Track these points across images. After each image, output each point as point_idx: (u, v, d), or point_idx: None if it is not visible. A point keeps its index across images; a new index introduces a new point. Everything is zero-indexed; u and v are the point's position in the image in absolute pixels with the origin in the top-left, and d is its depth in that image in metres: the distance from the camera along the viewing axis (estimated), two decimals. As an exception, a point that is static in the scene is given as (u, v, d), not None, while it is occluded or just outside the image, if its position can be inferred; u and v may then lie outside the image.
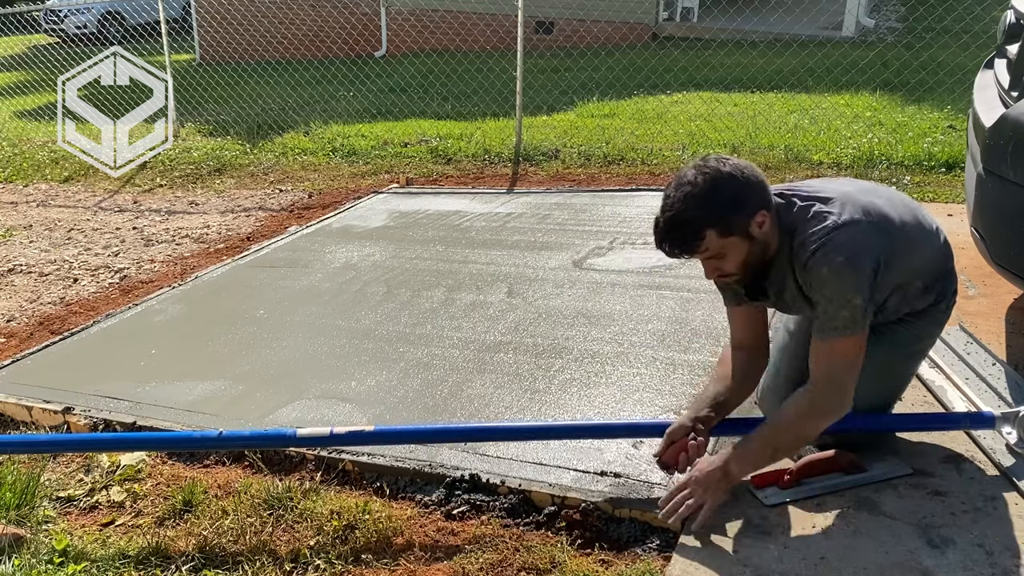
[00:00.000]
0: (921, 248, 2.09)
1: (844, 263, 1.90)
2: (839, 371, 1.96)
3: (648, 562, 2.04)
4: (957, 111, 6.34)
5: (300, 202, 6.07)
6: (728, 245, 1.96)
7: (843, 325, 1.93)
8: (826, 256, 1.92)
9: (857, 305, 1.91)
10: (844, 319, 1.92)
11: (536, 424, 2.62)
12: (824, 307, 1.94)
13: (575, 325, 3.39)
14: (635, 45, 10.94)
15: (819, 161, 5.63)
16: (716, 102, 7.20)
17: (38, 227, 6.03)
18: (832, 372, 1.97)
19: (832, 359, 1.96)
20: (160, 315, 3.93)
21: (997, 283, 3.28)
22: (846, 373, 1.96)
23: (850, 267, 1.91)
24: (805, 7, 9.72)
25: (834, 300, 1.92)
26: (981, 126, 2.73)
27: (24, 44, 13.73)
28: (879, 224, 1.98)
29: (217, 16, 12.22)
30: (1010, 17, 3.04)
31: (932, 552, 1.93)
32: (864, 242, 1.94)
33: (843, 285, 1.91)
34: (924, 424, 2.38)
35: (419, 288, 3.93)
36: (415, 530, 2.25)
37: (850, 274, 1.91)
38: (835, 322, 1.93)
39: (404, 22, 12.22)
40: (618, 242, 4.37)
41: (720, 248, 1.96)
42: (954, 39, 7.89)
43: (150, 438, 2.67)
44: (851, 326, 1.93)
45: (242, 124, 8.44)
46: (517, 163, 6.41)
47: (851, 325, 1.93)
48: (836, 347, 1.95)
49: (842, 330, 1.93)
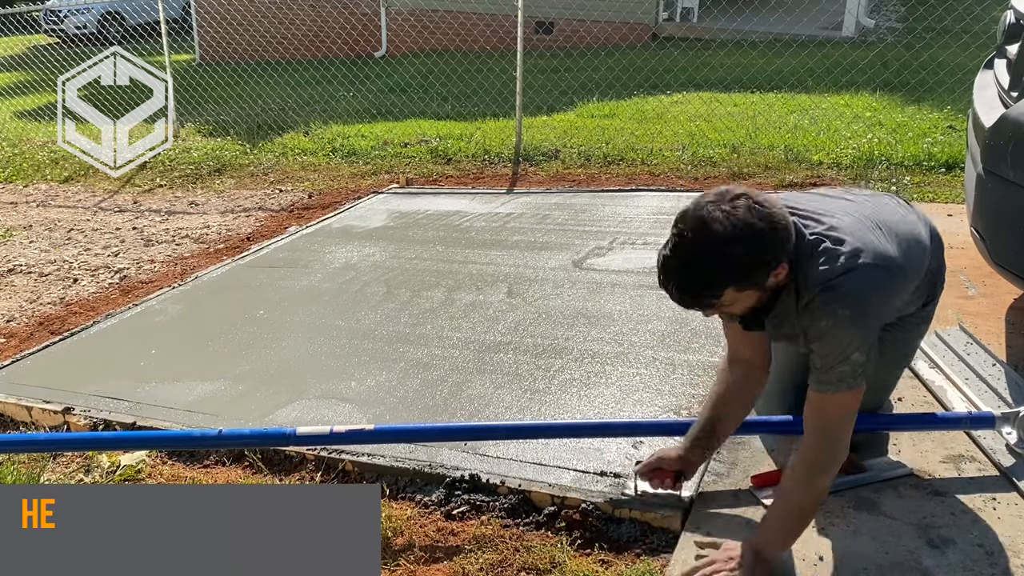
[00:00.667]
0: (917, 270, 1.99)
1: (848, 318, 1.75)
2: (833, 426, 1.83)
3: (648, 562, 2.04)
4: (957, 111, 6.34)
5: (300, 202, 6.07)
6: (742, 297, 1.79)
7: (839, 379, 1.78)
8: (828, 306, 1.76)
9: (857, 361, 1.77)
10: (842, 374, 1.78)
11: (536, 423, 2.62)
12: (822, 359, 1.80)
13: (575, 325, 3.39)
14: (635, 45, 10.94)
15: (819, 161, 5.63)
16: (716, 102, 7.20)
17: (38, 227, 6.03)
18: (827, 427, 1.83)
19: (827, 414, 1.83)
20: (160, 315, 3.93)
21: (997, 283, 3.28)
22: (840, 427, 1.83)
23: (853, 323, 1.76)
24: (805, 7, 9.71)
25: (832, 354, 1.78)
26: (981, 126, 2.73)
27: (24, 44, 13.74)
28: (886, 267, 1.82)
29: (217, 16, 12.22)
30: (1010, 17, 3.04)
31: (932, 552, 1.93)
32: (870, 296, 1.79)
33: (844, 341, 1.76)
34: (924, 424, 2.38)
35: (419, 288, 3.93)
36: (415, 530, 2.25)
37: (853, 330, 1.76)
38: (831, 375, 1.79)
39: (404, 22, 12.22)
40: (618, 242, 4.37)
41: (733, 300, 1.79)
42: (954, 39, 7.88)
43: (150, 437, 2.67)
44: (849, 381, 1.79)
45: (242, 124, 8.44)
46: (517, 163, 6.41)
47: (849, 380, 1.78)
48: (831, 401, 1.81)
49: (838, 384, 1.79)
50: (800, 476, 1.85)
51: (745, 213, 1.69)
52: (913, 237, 1.98)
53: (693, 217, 1.71)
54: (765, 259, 1.73)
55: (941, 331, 2.86)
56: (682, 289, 1.76)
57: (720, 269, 1.71)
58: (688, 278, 1.74)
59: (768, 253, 1.72)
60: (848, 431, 1.84)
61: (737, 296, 1.78)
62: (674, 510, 2.15)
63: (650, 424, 2.36)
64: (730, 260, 1.70)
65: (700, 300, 1.78)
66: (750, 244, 1.69)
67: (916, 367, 2.71)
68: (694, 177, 5.67)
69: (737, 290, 1.76)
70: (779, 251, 1.74)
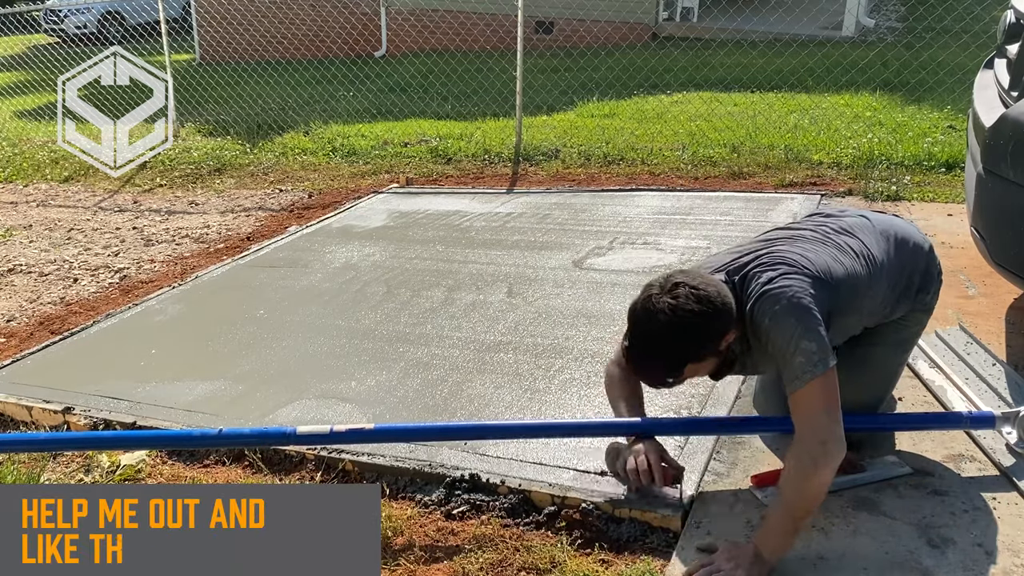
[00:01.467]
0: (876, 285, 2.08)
1: (781, 310, 1.89)
2: (818, 420, 1.86)
3: (648, 562, 2.04)
4: (957, 111, 6.34)
5: (300, 202, 6.07)
6: (702, 366, 2.00)
7: (802, 371, 1.85)
8: (762, 310, 1.92)
9: (809, 349, 1.85)
10: (801, 365, 1.85)
11: (536, 423, 2.62)
12: (780, 358, 1.91)
13: (575, 325, 3.39)
14: (635, 45, 10.93)
15: (819, 161, 5.62)
16: (716, 102, 7.20)
17: (38, 227, 6.03)
18: (812, 424, 1.86)
19: (807, 410, 1.87)
20: (160, 315, 3.93)
21: (997, 283, 3.28)
22: (826, 418, 1.86)
23: (788, 313, 1.89)
24: (805, 7, 9.71)
25: (785, 349, 1.88)
26: (981, 126, 2.73)
27: (24, 44, 13.74)
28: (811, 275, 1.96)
29: (217, 16, 12.22)
30: (1010, 17, 3.04)
31: (932, 552, 1.93)
32: (795, 286, 1.92)
33: (787, 331, 1.88)
34: (924, 424, 2.39)
35: (419, 288, 3.93)
36: (415, 530, 2.25)
37: (790, 319, 1.88)
38: (794, 371, 1.87)
39: (404, 22, 12.22)
40: (618, 242, 4.37)
41: (695, 371, 2.00)
42: (954, 39, 7.88)
43: (150, 436, 2.67)
44: (811, 369, 1.85)
45: (242, 124, 8.44)
46: (517, 163, 6.41)
47: (811, 368, 1.85)
48: (805, 396, 1.87)
49: (803, 376, 1.85)
50: (794, 475, 1.88)
51: (684, 300, 1.88)
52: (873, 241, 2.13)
53: (642, 311, 1.94)
54: (711, 336, 1.93)
55: (941, 331, 2.86)
56: (646, 376, 2.06)
57: (674, 356, 1.94)
58: (648, 369, 2.01)
59: (711, 331, 1.92)
60: (833, 421, 1.86)
61: (697, 367, 1.99)
62: (674, 510, 2.15)
63: (650, 424, 2.36)
64: (680, 346, 1.92)
65: (664, 383, 2.03)
66: (695, 329, 1.90)
67: (916, 367, 2.71)
68: (694, 177, 5.67)
69: (695, 363, 1.97)
70: (724, 324, 1.93)
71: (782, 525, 1.89)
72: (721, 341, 1.94)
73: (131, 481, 2.60)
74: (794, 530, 1.90)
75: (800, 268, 1.97)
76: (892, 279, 2.12)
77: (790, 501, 1.88)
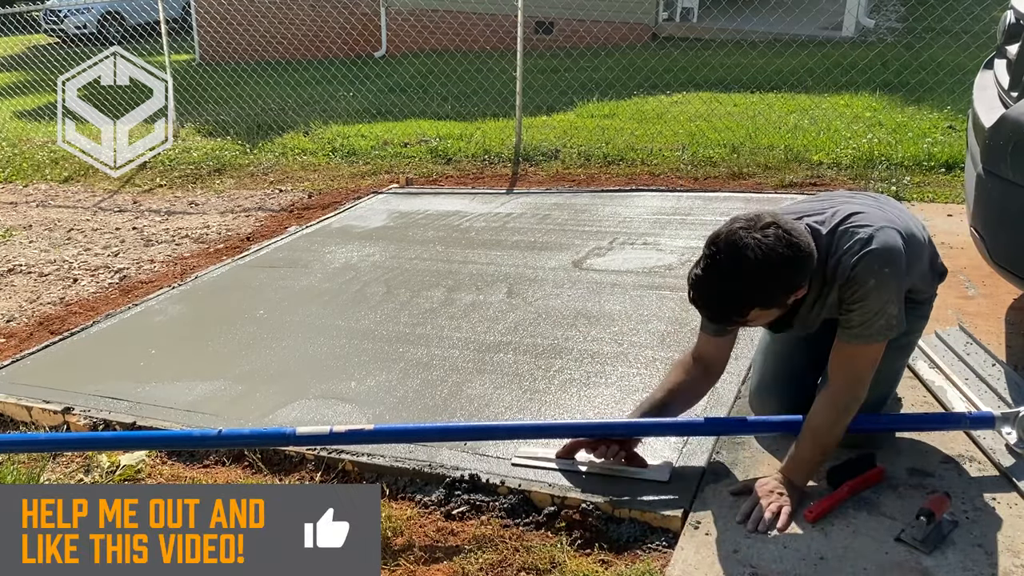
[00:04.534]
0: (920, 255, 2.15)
1: (888, 274, 1.94)
2: (864, 372, 2.03)
3: (648, 562, 2.04)
4: (957, 111, 6.34)
5: (300, 202, 6.07)
6: (765, 314, 2.00)
7: (878, 332, 1.98)
8: (870, 268, 1.93)
9: (893, 314, 1.97)
10: (880, 327, 1.97)
11: (536, 424, 2.62)
12: (862, 316, 1.96)
13: (575, 325, 3.39)
14: (635, 45, 10.93)
15: (819, 161, 5.62)
16: (716, 102, 7.20)
17: (38, 227, 6.03)
18: (858, 376, 2.03)
19: (860, 363, 2.02)
20: (160, 315, 3.93)
21: (997, 283, 3.28)
22: (869, 373, 2.04)
23: (893, 277, 1.95)
24: (805, 7, 9.70)
25: (873, 310, 1.95)
26: (981, 126, 2.73)
27: (24, 44, 13.73)
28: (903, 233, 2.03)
29: (217, 16, 12.21)
30: (1010, 17, 3.04)
31: (932, 552, 1.93)
32: (900, 251, 1.98)
33: (884, 295, 1.94)
34: (924, 424, 2.39)
35: (419, 288, 3.93)
36: (415, 530, 2.25)
37: (892, 284, 1.95)
38: (871, 329, 1.97)
39: (404, 22, 12.22)
40: (618, 242, 4.37)
41: (756, 317, 1.99)
42: (954, 39, 7.88)
43: (150, 437, 2.67)
44: (886, 332, 1.98)
45: (242, 124, 8.44)
46: (517, 163, 6.41)
47: (886, 331, 1.98)
48: (865, 352, 2.01)
49: (876, 336, 1.98)
50: (830, 417, 2.06)
51: (775, 242, 1.85)
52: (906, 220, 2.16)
53: (726, 242, 1.88)
54: (791, 285, 1.92)
55: (941, 331, 2.86)
56: (711, 308, 1.98)
57: (748, 294, 1.90)
58: (718, 300, 1.94)
59: (793, 280, 1.91)
60: (870, 378, 2.04)
61: (761, 314, 1.97)
62: (674, 510, 2.15)
63: (650, 424, 2.36)
64: (758, 287, 1.88)
65: (727, 319, 2.00)
66: (778, 273, 1.87)
67: (916, 367, 2.71)
68: (694, 177, 5.67)
69: (762, 310, 1.95)
70: (803, 277, 1.93)
71: (810, 456, 2.10)
72: (794, 293, 1.95)
73: (131, 481, 2.60)
74: (820, 461, 2.12)
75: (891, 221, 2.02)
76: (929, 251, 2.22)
77: (820, 436, 2.07)
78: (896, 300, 1.97)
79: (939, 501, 2.01)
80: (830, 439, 2.08)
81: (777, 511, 2.05)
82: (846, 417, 2.06)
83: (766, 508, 2.06)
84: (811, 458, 2.11)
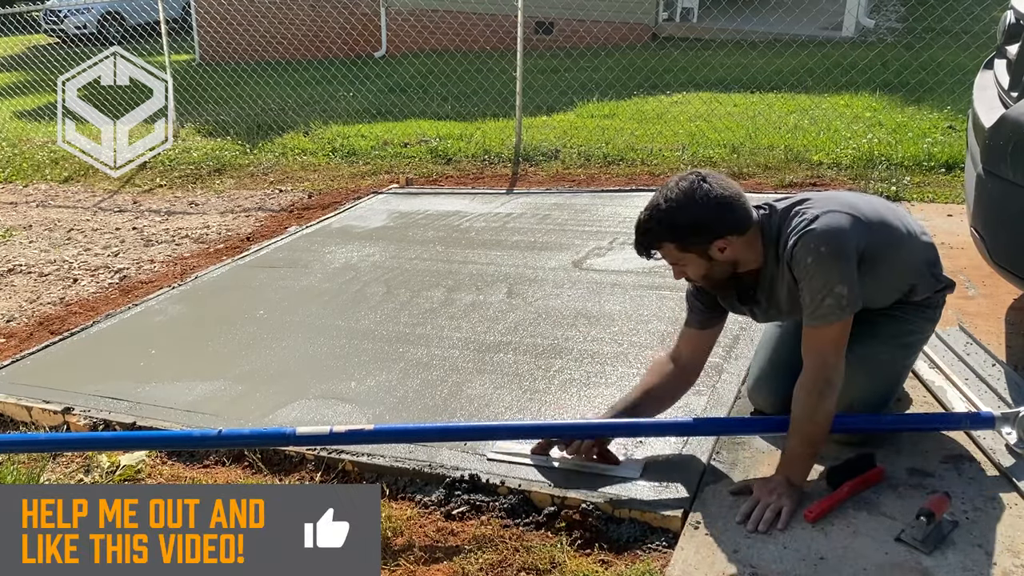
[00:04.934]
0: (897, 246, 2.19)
1: (827, 254, 2.01)
2: (828, 353, 2.06)
3: (648, 562, 2.04)
4: (957, 111, 6.34)
5: (300, 202, 6.07)
6: (686, 258, 2.12)
7: (829, 311, 2.02)
8: (807, 246, 2.02)
9: (842, 294, 2.01)
10: (830, 306, 2.01)
11: (536, 424, 2.62)
12: (811, 296, 2.04)
13: (575, 325, 3.39)
14: (635, 45, 10.94)
15: (819, 161, 5.63)
16: (716, 102, 7.20)
17: (38, 227, 6.02)
18: (823, 359, 2.06)
19: (821, 346, 2.06)
20: (160, 315, 3.93)
21: (997, 283, 3.28)
22: (834, 357, 2.06)
23: (832, 257, 2.01)
24: (805, 7, 9.70)
25: (819, 289, 2.01)
26: (981, 126, 2.73)
27: (24, 44, 13.72)
28: (857, 217, 2.09)
29: (217, 16, 12.21)
30: (1010, 17, 3.04)
31: (932, 552, 1.93)
32: (842, 231, 2.04)
33: (826, 274, 2.00)
34: (924, 424, 2.39)
35: (419, 288, 3.93)
36: (415, 530, 2.25)
37: (832, 263, 2.01)
38: (821, 310, 2.03)
39: (404, 22, 12.22)
40: (618, 242, 4.37)
41: (678, 258, 2.13)
42: (954, 39, 7.88)
43: (150, 437, 2.67)
44: (837, 313, 2.02)
45: (242, 124, 8.44)
46: (517, 163, 6.41)
47: (837, 312, 2.02)
48: (822, 334, 2.05)
49: (828, 316, 2.02)
50: (808, 403, 2.07)
51: (689, 184, 2.05)
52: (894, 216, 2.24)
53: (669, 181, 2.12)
54: (697, 228, 2.05)
55: (941, 331, 2.86)
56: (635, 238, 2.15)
57: (657, 224, 2.08)
58: (639, 226, 2.13)
59: (700, 222, 2.04)
60: (840, 356, 2.07)
61: (681, 256, 2.11)
62: (674, 510, 2.15)
63: (650, 424, 2.36)
64: (666, 218, 2.06)
65: (642, 245, 2.15)
66: (685, 208, 2.04)
67: (916, 367, 2.70)
68: (694, 177, 5.66)
69: (678, 249, 2.10)
70: (715, 224, 2.05)
71: (802, 451, 2.11)
72: (715, 242, 2.06)
73: (131, 481, 2.60)
74: (812, 454, 2.12)
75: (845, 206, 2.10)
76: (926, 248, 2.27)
77: (804, 428, 2.09)
78: (844, 281, 2.00)
79: (939, 501, 2.01)
80: (813, 427, 2.08)
81: (777, 511, 2.05)
82: (823, 402, 2.05)
83: (766, 508, 2.06)
84: (801, 452, 2.11)
